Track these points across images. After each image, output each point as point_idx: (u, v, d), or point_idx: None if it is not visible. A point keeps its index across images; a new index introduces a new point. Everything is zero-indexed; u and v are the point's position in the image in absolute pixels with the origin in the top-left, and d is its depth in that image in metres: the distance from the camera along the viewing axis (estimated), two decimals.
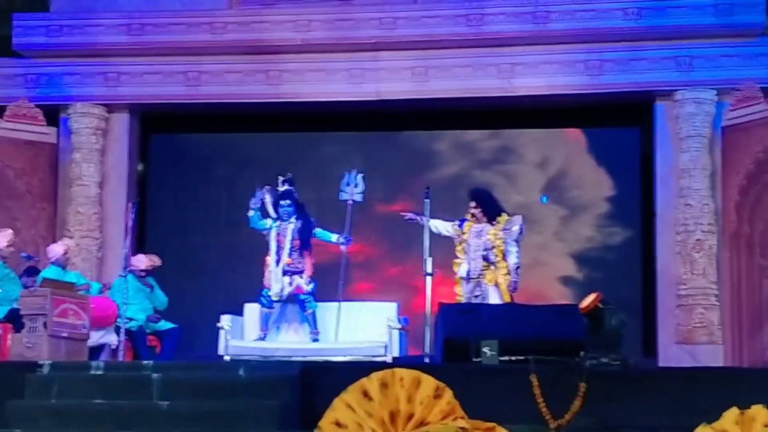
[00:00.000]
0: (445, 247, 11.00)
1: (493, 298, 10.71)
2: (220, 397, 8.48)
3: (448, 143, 13.96)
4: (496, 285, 10.79)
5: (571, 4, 13.08)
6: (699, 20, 12.80)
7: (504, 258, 10.85)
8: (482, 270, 10.84)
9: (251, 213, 11.51)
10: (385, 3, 13.36)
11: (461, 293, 10.90)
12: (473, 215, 11.01)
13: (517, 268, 10.85)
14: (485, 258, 10.84)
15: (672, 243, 12.86)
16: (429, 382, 7.11)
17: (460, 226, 11.03)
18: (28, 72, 13.75)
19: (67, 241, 12.08)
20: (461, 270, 10.91)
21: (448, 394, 7.11)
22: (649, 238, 13.16)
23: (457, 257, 11.00)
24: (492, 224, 10.95)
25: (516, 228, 10.91)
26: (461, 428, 6.67)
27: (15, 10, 14.13)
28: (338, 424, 6.99)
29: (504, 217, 11.01)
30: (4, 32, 14.09)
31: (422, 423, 6.98)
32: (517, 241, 10.92)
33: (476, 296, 10.79)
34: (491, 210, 11.01)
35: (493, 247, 10.85)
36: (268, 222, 11.50)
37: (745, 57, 12.83)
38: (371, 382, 7.08)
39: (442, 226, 11.01)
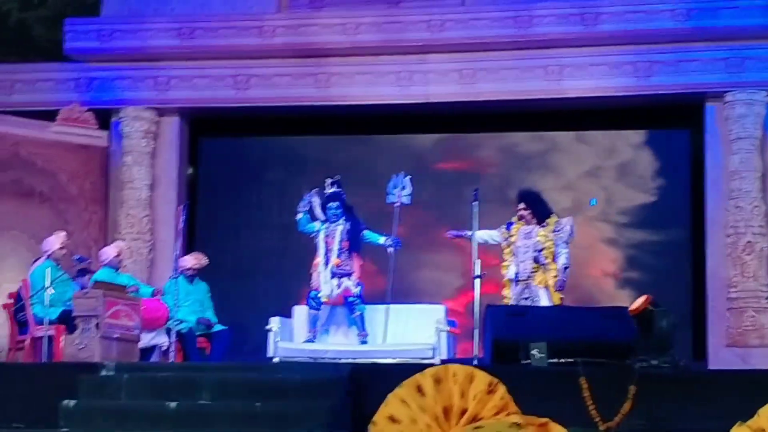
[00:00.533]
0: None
1: (543, 300, 10.71)
2: (270, 399, 8.54)
3: (496, 145, 13.94)
4: (546, 287, 10.79)
5: (620, 6, 13.03)
6: (750, 21, 12.69)
7: (554, 259, 10.86)
8: (532, 272, 10.84)
9: (299, 216, 11.58)
10: (433, 5, 13.37)
11: (509, 295, 10.90)
12: (522, 217, 11.01)
13: (566, 268, 10.85)
14: (536, 260, 10.84)
15: (722, 245, 12.78)
16: (482, 378, 7.13)
17: (508, 228, 11.04)
18: (80, 76, 13.89)
19: (119, 243, 12.20)
20: (510, 272, 10.91)
21: (502, 389, 7.13)
22: (700, 240, 13.08)
23: (504, 259, 11.00)
24: (542, 226, 10.94)
25: (567, 229, 10.91)
26: (514, 423, 6.66)
27: (66, 15, 14.29)
28: (392, 419, 7.03)
29: (553, 218, 11.01)
30: (56, 37, 14.24)
31: (475, 418, 7.00)
32: (566, 242, 10.92)
33: (525, 298, 10.79)
34: (541, 211, 11.01)
35: (542, 249, 10.86)
36: (317, 225, 11.56)
37: None
38: (425, 377, 7.13)
39: (488, 236, 11.02)
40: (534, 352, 8.47)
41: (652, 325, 8.64)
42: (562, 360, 8.44)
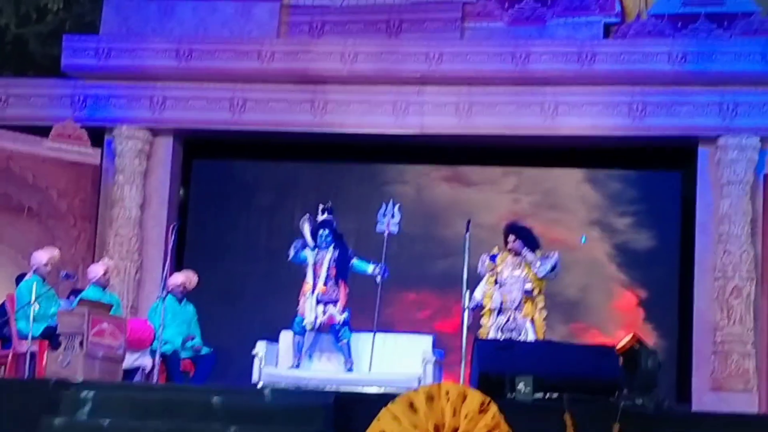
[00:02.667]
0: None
1: (529, 332, 10.75)
2: (253, 424, 8.48)
3: (488, 178, 13.95)
4: (532, 320, 10.83)
5: (617, 46, 13.13)
6: (745, 67, 12.80)
7: (541, 292, 10.91)
8: (521, 303, 10.88)
9: (291, 253, 11.56)
10: (431, 38, 13.44)
11: (488, 325, 10.89)
12: (511, 249, 11.03)
13: (553, 268, 10.93)
14: (526, 292, 10.88)
15: (710, 289, 12.81)
16: (475, 396, 7.16)
17: (493, 260, 11.05)
18: (75, 93, 13.90)
19: (107, 261, 12.15)
20: (494, 301, 10.92)
21: (494, 408, 7.15)
22: (688, 282, 13.09)
23: (487, 289, 11.00)
24: (529, 259, 10.97)
25: (550, 264, 10.95)
26: None
27: (64, 32, 14.33)
28: None
29: (539, 252, 11.05)
30: (53, 53, 14.27)
31: None
32: (550, 278, 10.97)
33: (511, 330, 10.81)
34: (530, 244, 11.04)
35: (531, 281, 10.90)
36: (307, 252, 11.55)
37: None
38: (417, 394, 7.16)
39: (480, 291, 10.99)
40: (520, 385, 8.45)
41: (637, 364, 8.62)
42: (548, 395, 8.43)
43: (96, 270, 11.68)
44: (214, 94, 13.70)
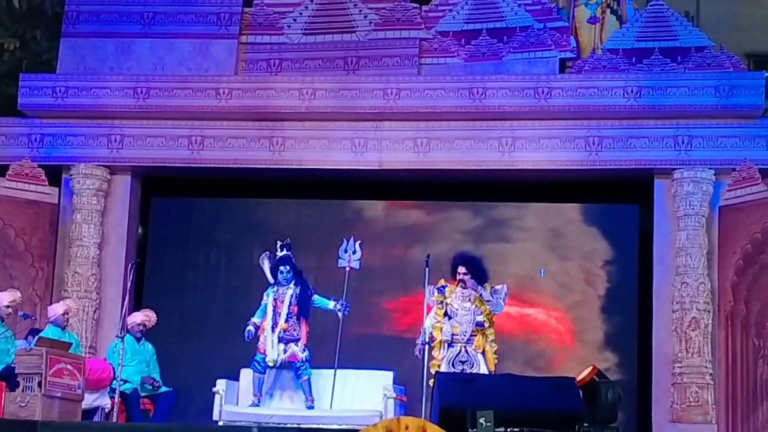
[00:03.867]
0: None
1: (481, 364, 10.80)
2: None
3: (446, 214, 14.00)
4: (483, 352, 10.88)
5: (573, 81, 13.25)
6: (699, 101, 12.95)
7: (491, 325, 10.96)
8: (472, 335, 10.91)
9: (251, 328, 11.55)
10: (389, 74, 13.51)
11: (439, 357, 10.91)
12: (461, 281, 11.06)
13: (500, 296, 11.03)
14: (478, 324, 10.91)
15: (668, 321, 12.89)
16: (434, 431, 7.13)
17: (441, 291, 11.08)
18: (32, 132, 13.85)
19: (68, 302, 12.09)
20: (444, 333, 10.94)
21: None
22: (646, 314, 13.17)
23: (437, 321, 11.01)
24: (479, 291, 11.03)
25: (501, 298, 11.02)
26: None
27: (22, 71, 14.29)
28: None
29: (488, 285, 11.11)
30: (10, 92, 14.22)
31: None
32: (498, 311, 11.04)
33: (462, 362, 10.84)
34: (480, 276, 11.09)
35: (482, 313, 10.94)
36: (265, 297, 11.55)
37: (744, 138, 12.98)
38: (377, 429, 7.15)
39: (429, 324, 11.03)
40: (481, 420, 8.46)
41: (598, 396, 8.67)
42: (509, 429, 8.43)
43: (56, 310, 11.63)
44: (172, 132, 13.68)
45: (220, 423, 11.06)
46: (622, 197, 13.60)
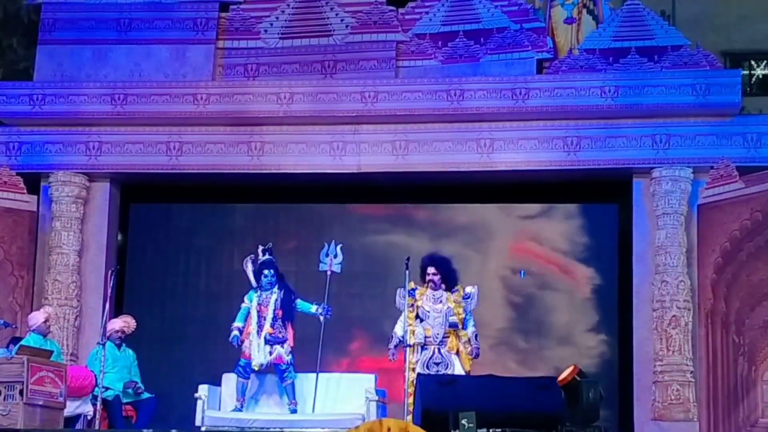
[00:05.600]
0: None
1: (457, 366, 10.83)
2: None
3: (424, 216, 14.02)
4: (458, 353, 10.91)
5: (550, 82, 13.28)
6: (676, 99, 12.99)
7: (463, 326, 10.97)
8: (445, 337, 10.94)
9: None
10: (367, 77, 13.52)
11: (413, 360, 10.92)
12: (431, 282, 11.08)
13: (476, 336, 11.06)
14: (451, 325, 10.94)
15: (648, 319, 12.93)
16: None
17: (411, 294, 11.09)
18: (10, 140, 13.80)
19: (48, 309, 12.05)
20: (417, 336, 10.96)
21: None
22: (626, 313, 13.21)
23: (409, 324, 11.03)
24: (450, 292, 11.05)
25: (475, 298, 11.08)
26: None
27: None
28: None
29: (460, 286, 11.14)
30: None
31: None
32: (472, 311, 11.07)
33: (437, 363, 10.86)
34: (450, 278, 11.12)
35: (454, 315, 10.97)
36: (247, 301, 11.53)
37: (721, 136, 13.02)
38: (359, 431, 7.13)
39: (400, 327, 11.05)
40: (463, 421, 8.48)
41: (579, 396, 8.70)
42: (491, 430, 8.46)
43: (37, 317, 11.60)
44: (150, 138, 13.66)
45: (203, 429, 11.04)
46: (600, 197, 13.65)
